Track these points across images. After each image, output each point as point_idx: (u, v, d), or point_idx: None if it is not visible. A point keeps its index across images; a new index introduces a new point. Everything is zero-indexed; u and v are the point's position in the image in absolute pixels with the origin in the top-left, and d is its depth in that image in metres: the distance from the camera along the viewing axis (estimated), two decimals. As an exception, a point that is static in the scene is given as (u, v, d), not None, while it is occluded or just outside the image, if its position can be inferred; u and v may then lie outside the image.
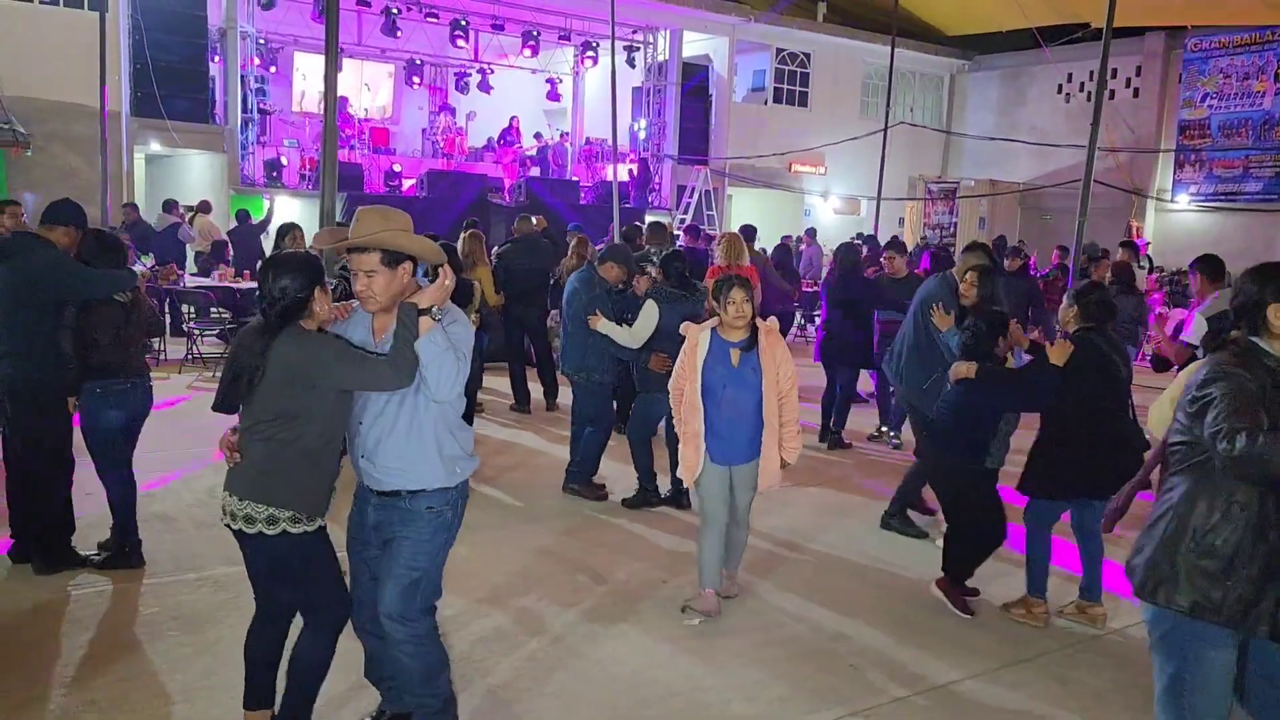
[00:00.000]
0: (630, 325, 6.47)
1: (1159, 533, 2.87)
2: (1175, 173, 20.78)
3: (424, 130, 21.50)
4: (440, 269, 3.23)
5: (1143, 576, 2.89)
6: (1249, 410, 2.61)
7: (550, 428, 8.94)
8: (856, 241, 11.46)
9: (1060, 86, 23.40)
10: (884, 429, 8.90)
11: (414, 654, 3.34)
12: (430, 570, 3.36)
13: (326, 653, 3.44)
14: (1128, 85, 22.26)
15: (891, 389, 7.84)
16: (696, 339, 4.71)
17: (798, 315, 14.48)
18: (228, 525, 3.30)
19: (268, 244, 14.69)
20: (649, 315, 6.35)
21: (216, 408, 3.38)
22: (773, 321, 4.72)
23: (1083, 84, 23.00)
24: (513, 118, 21.14)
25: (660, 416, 6.52)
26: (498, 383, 10.18)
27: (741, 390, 4.64)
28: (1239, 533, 2.72)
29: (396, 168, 18.84)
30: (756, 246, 11.70)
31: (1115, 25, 21.03)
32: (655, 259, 7.81)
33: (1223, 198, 20.33)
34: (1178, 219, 20.82)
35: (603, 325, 6.41)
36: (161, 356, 10.60)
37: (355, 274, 3.20)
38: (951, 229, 22.00)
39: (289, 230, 7.94)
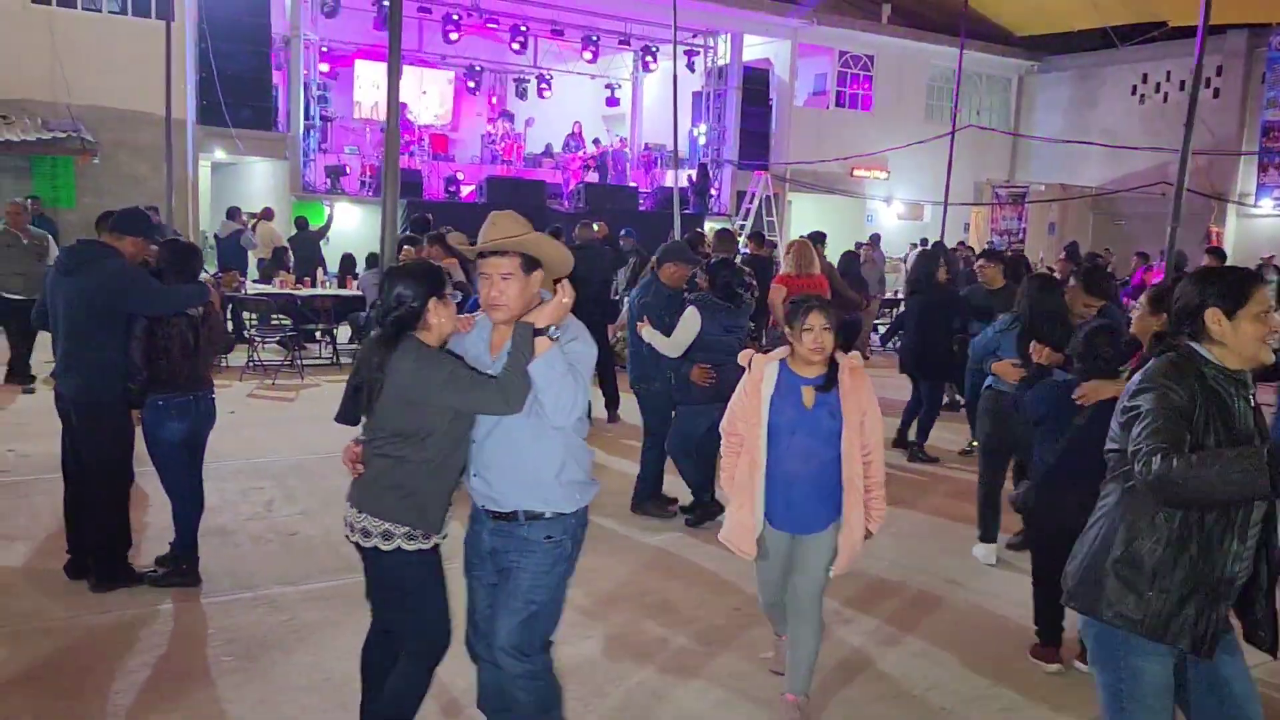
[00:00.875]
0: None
1: (1089, 540, 2.84)
2: (1258, 176, 19.95)
3: (483, 136, 21.48)
4: (559, 284, 3.05)
5: (1073, 585, 2.86)
6: (1170, 429, 2.52)
7: (613, 440, 8.71)
8: (935, 249, 11.07)
9: (1135, 87, 22.65)
10: (975, 444, 8.55)
11: (529, 689, 3.15)
12: (548, 604, 3.16)
13: (419, 685, 3.29)
14: (1207, 85, 21.40)
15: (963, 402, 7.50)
16: (761, 371, 3.77)
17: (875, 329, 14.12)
18: (347, 537, 3.21)
19: (327, 251, 14.73)
20: (688, 323, 6.06)
21: (338, 419, 3.47)
22: (856, 357, 3.80)
23: (1158, 84, 22.24)
24: (575, 123, 21.05)
25: (701, 430, 6.22)
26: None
27: (814, 439, 3.72)
28: (1162, 544, 2.67)
29: (460, 175, 18.81)
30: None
31: (1193, 23, 20.41)
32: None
33: (1310, 201, 19.50)
34: (1260, 224, 20.00)
35: (646, 333, 6.19)
36: (223, 363, 10.59)
37: (486, 279, 3.07)
38: (1020, 235, 21.39)
39: (416, 241, 7.84)
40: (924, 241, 16.06)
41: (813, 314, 3.67)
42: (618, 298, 9.38)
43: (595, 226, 9.75)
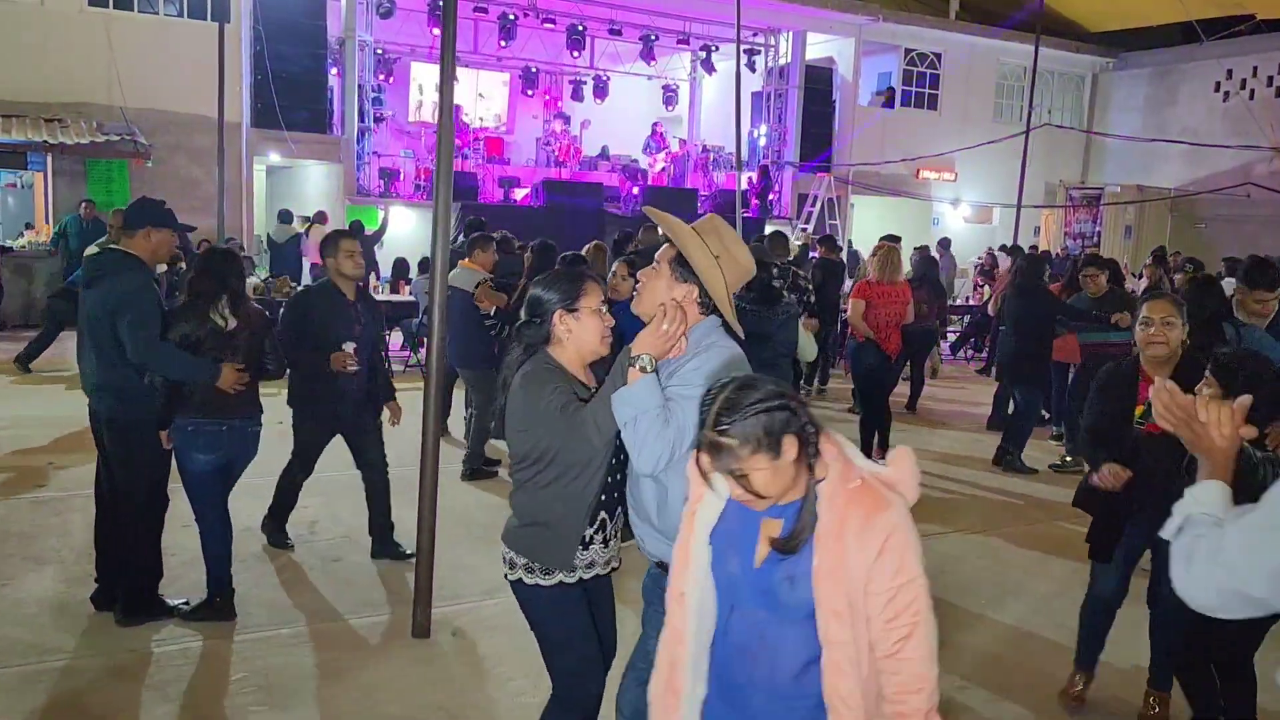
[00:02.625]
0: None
1: None
2: (1349, 175, 18.88)
3: (538, 139, 21.14)
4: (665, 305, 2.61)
5: None
6: None
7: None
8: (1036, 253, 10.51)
9: (1218, 84, 21.59)
10: (1068, 459, 8.01)
11: None
12: None
13: None
14: (1296, 82, 20.39)
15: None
16: (702, 493, 2.12)
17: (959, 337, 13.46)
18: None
19: (381, 256, 14.46)
20: None
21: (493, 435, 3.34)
22: (894, 460, 2.08)
23: (1244, 81, 21.17)
24: (655, 123, 20.63)
25: None
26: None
27: (771, 622, 2.03)
28: None
29: (518, 187, 18.49)
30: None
31: (1273, 16, 19.36)
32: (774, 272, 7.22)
33: None
34: (1357, 227, 18.93)
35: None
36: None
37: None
38: (1095, 238, 20.51)
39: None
40: (1013, 246, 15.27)
41: (727, 392, 1.97)
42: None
43: (660, 230, 9.25)
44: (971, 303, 15.43)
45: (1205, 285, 5.45)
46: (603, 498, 2.82)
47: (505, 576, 2.90)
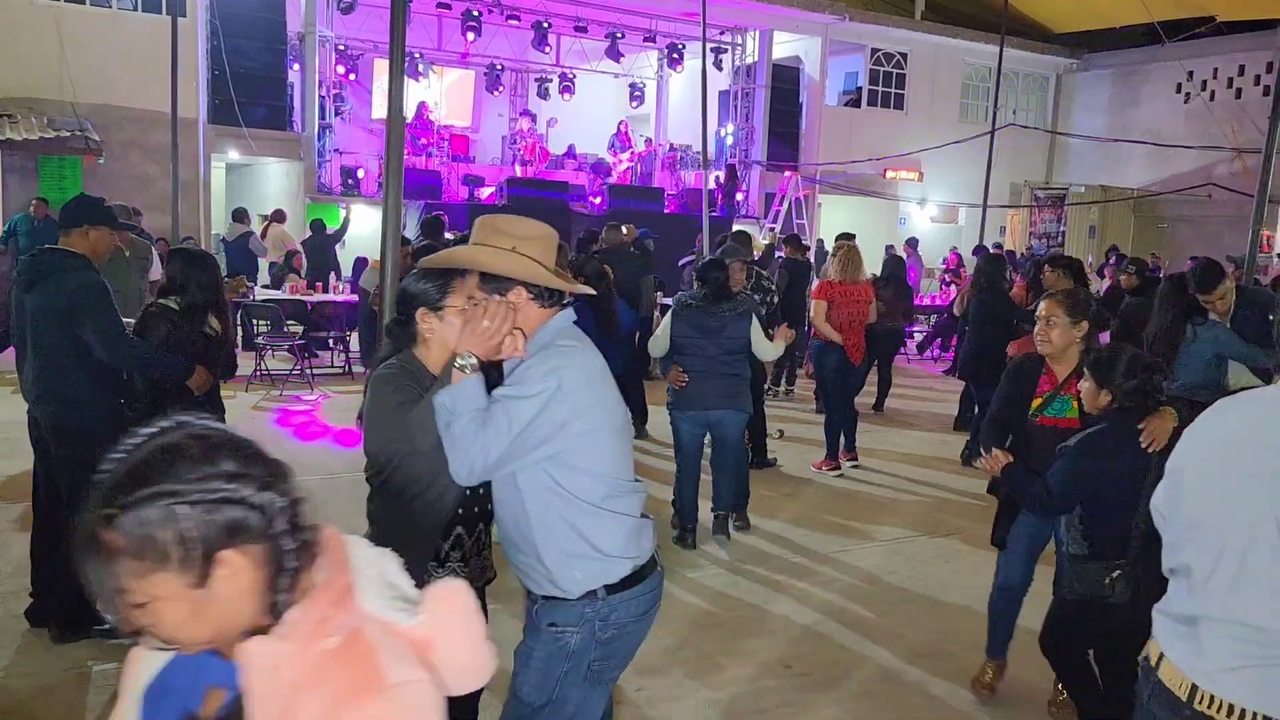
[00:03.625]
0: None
1: None
2: (1312, 177, 19.06)
3: (504, 138, 20.93)
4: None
5: None
6: None
7: (640, 456, 8.08)
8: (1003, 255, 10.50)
9: (1180, 86, 21.80)
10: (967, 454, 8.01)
11: None
12: (545, 713, 2.46)
13: None
14: (1257, 83, 20.60)
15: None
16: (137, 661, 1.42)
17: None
18: None
19: (343, 255, 14.20)
20: (663, 323, 6.00)
21: None
22: (434, 601, 1.37)
23: (1205, 82, 21.39)
24: (621, 121, 20.45)
25: (685, 439, 6.02)
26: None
27: None
28: None
29: (482, 186, 18.26)
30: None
31: (1243, 18, 19.58)
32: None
33: (1367, 204, 18.57)
34: (1317, 227, 19.14)
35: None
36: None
37: None
38: (1059, 238, 20.63)
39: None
40: (978, 247, 15.29)
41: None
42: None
43: (624, 230, 9.13)
44: (939, 302, 15.41)
45: (1177, 285, 5.67)
46: (460, 510, 2.65)
47: None
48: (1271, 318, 5.49)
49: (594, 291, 2.56)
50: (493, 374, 2.47)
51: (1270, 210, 19.66)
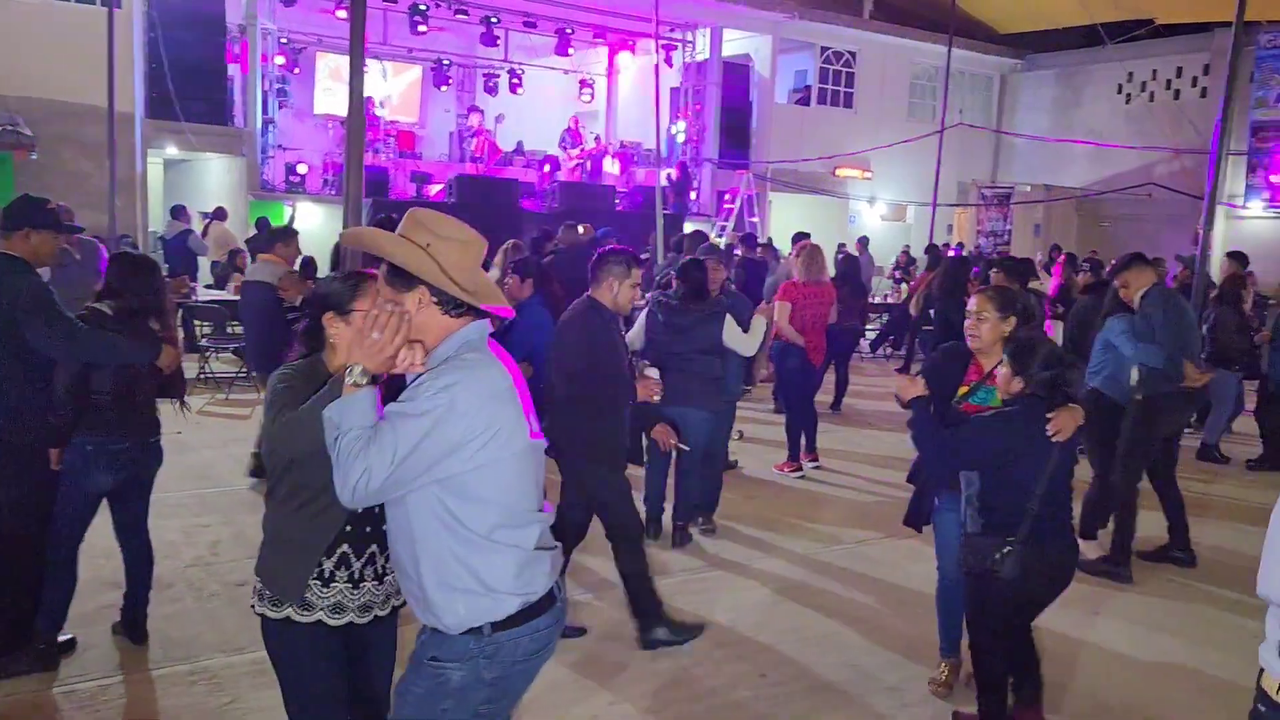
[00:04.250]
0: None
1: None
2: (1247, 177, 19.53)
3: (451, 134, 20.62)
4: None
5: None
6: None
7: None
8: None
9: (1120, 86, 22.20)
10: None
11: None
12: None
13: None
14: (1194, 84, 21.04)
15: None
16: None
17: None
18: None
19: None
20: (638, 322, 6.09)
21: None
22: None
23: (1144, 84, 21.81)
24: (573, 117, 20.21)
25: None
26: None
27: None
28: None
29: (431, 183, 17.96)
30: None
31: (1180, 20, 19.97)
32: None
33: (1300, 203, 19.09)
34: (1249, 226, 19.57)
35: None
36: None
37: None
38: (1006, 237, 20.89)
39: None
40: (929, 245, 15.33)
41: None
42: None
43: (580, 228, 8.99)
44: (890, 301, 15.49)
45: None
46: (348, 528, 2.50)
47: (252, 606, 2.59)
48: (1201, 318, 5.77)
49: (510, 311, 2.38)
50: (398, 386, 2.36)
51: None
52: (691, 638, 4.54)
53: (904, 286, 15.82)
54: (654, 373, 4.88)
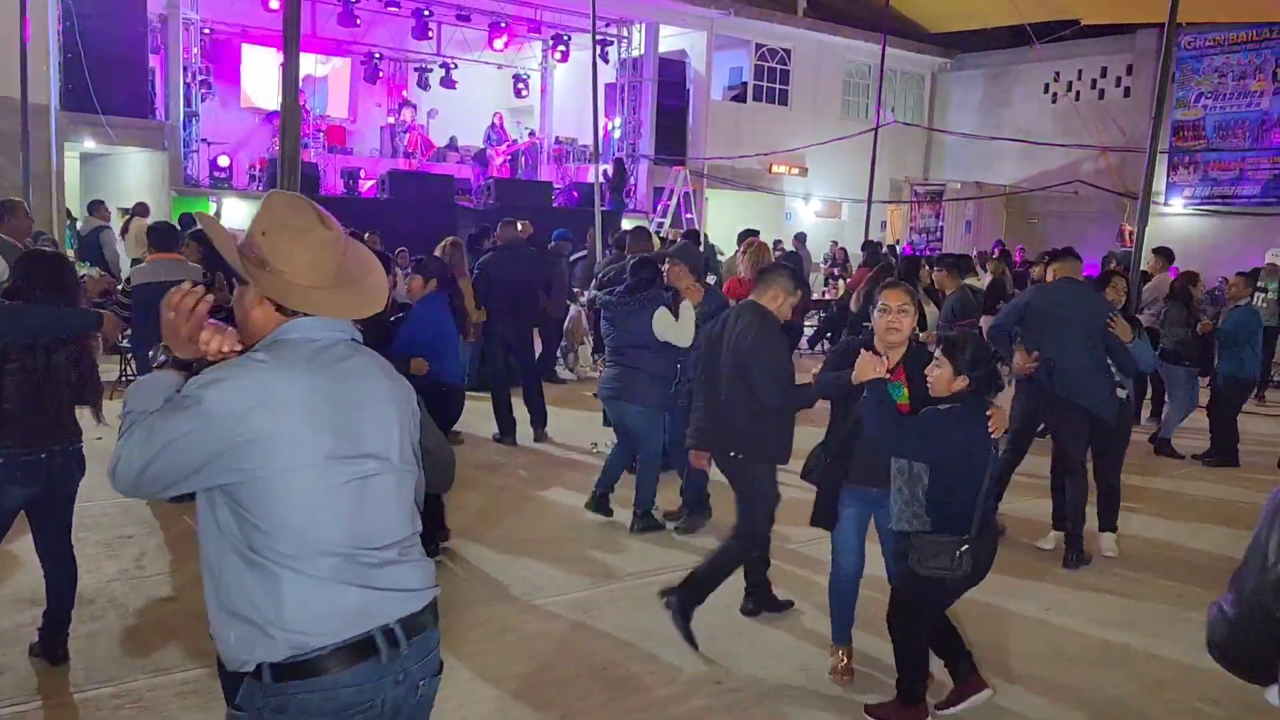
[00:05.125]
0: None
1: None
2: (1169, 175, 20.07)
3: (383, 129, 20.23)
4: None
5: None
6: None
7: (543, 462, 7.80)
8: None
9: (1047, 86, 22.67)
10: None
11: None
12: None
13: None
14: (1118, 84, 21.58)
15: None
16: None
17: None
18: None
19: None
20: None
21: None
22: None
23: (1070, 83, 22.29)
24: (496, 114, 19.88)
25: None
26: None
27: None
28: None
29: (362, 179, 17.56)
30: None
31: (1104, 21, 20.43)
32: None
33: (1218, 201, 19.65)
34: (1171, 223, 20.12)
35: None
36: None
37: None
38: (938, 233, 21.18)
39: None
40: (866, 242, 15.42)
41: None
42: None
43: (520, 225, 8.81)
44: (828, 297, 15.56)
45: None
46: None
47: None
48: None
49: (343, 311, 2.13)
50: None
51: (1131, 206, 20.63)
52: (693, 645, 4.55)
53: (841, 283, 15.92)
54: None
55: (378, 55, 19.70)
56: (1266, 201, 18.96)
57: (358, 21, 17.71)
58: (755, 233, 10.35)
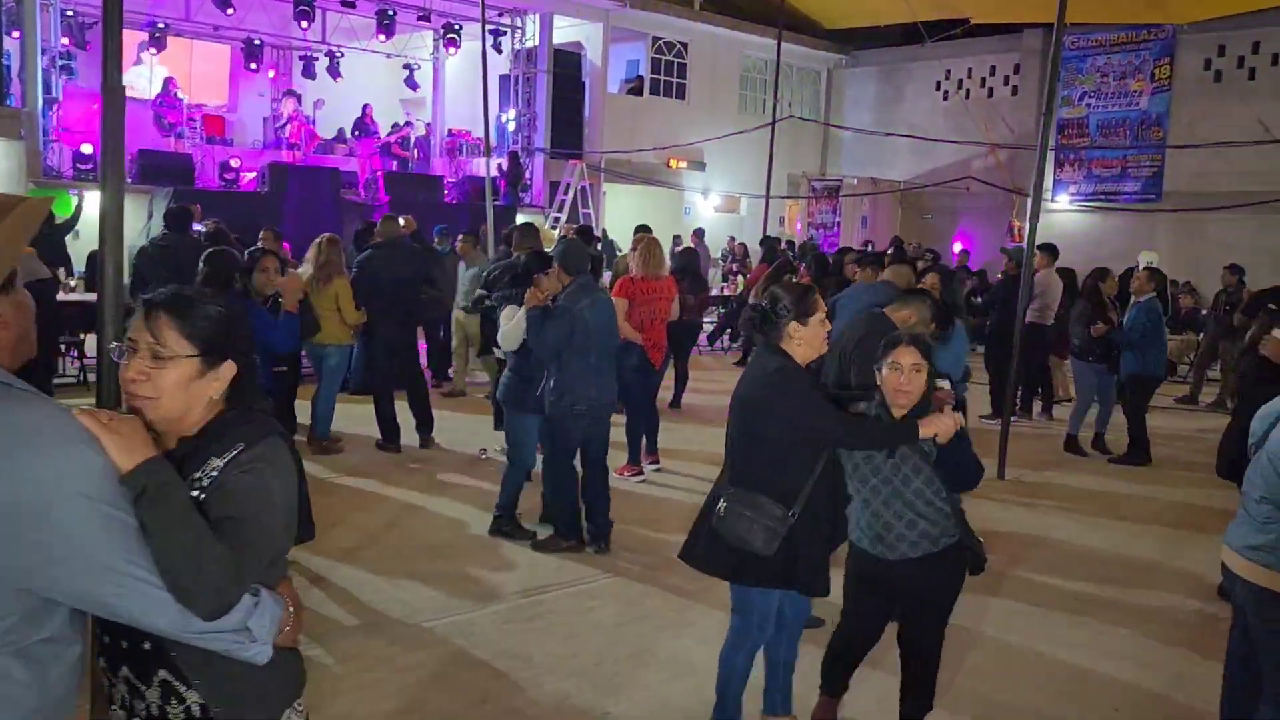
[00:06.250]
0: None
1: None
2: (1055, 172, 20.54)
3: (265, 119, 19.30)
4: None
5: None
6: None
7: (429, 470, 7.37)
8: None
9: (939, 83, 23.03)
10: None
11: None
12: None
13: None
14: (1006, 83, 22.03)
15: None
16: None
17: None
18: None
19: (76, 248, 12.52)
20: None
21: None
22: None
23: (961, 81, 22.69)
24: (365, 105, 19.03)
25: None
26: (354, 412, 8.51)
27: None
28: None
29: (234, 162, 16.67)
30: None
31: (993, 21, 20.82)
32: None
33: (1102, 197, 20.20)
34: (1057, 219, 20.57)
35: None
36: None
37: None
38: (835, 228, 21.29)
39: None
40: (764, 237, 15.28)
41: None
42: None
43: (402, 221, 8.32)
44: (726, 293, 15.42)
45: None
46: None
47: None
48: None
49: None
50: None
51: (1020, 202, 21.09)
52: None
53: (740, 278, 15.80)
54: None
55: (258, 41, 18.78)
56: (1147, 198, 19.56)
57: (230, 10, 16.77)
58: (647, 229, 10.07)
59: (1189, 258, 18.09)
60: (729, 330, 15.05)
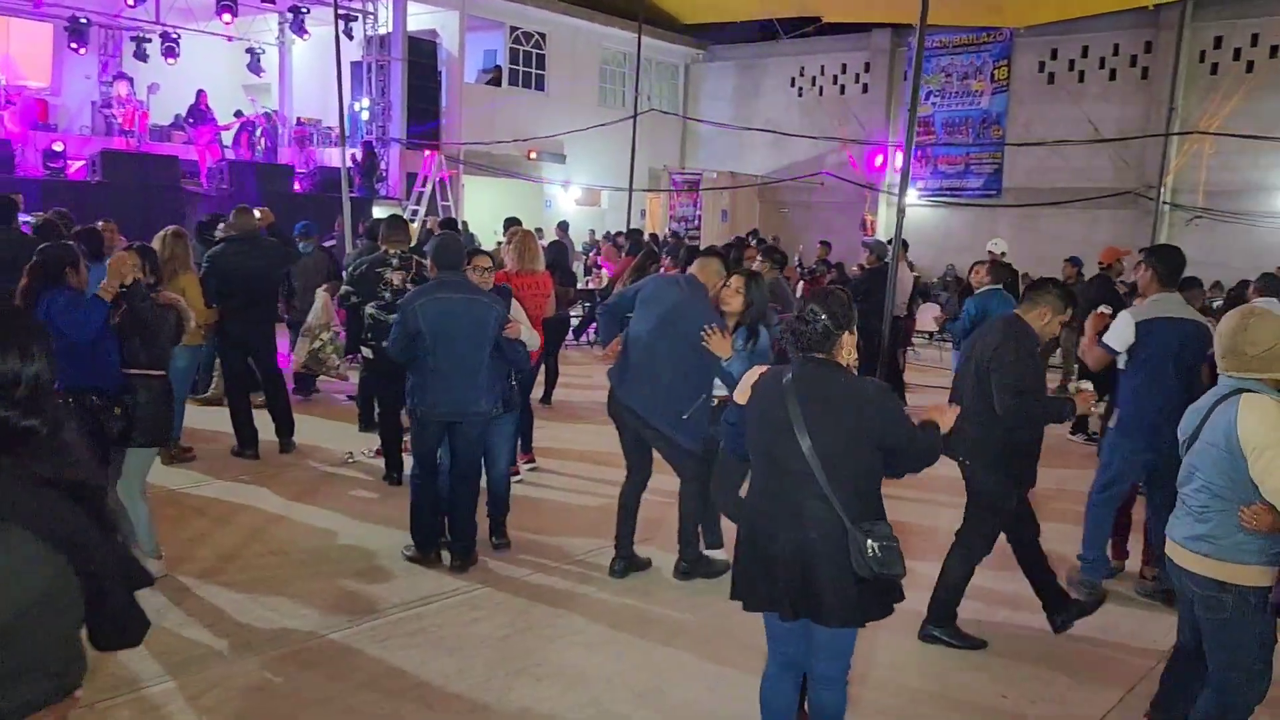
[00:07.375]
0: None
1: None
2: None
3: (93, 103, 18.01)
4: None
5: None
6: None
7: (292, 477, 6.95)
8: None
9: (794, 80, 23.52)
10: None
11: None
12: None
13: None
14: (857, 81, 22.68)
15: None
16: None
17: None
18: None
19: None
20: None
21: None
22: None
23: (814, 78, 23.23)
24: (199, 91, 17.87)
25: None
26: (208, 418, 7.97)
27: None
28: None
29: (58, 147, 15.45)
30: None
31: (845, 20, 21.38)
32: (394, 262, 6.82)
33: (948, 193, 21.05)
34: (908, 213, 21.32)
35: None
36: None
37: None
38: (696, 222, 21.45)
39: None
40: (630, 230, 15.23)
41: None
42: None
43: (258, 213, 7.81)
44: (591, 287, 15.28)
45: None
46: None
47: None
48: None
49: None
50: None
51: (872, 198, 21.79)
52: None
53: (604, 272, 15.68)
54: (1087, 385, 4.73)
55: (84, 20, 17.47)
56: (988, 193, 20.50)
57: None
58: (518, 221, 9.82)
59: (1028, 251, 19.03)
60: (594, 323, 14.92)
